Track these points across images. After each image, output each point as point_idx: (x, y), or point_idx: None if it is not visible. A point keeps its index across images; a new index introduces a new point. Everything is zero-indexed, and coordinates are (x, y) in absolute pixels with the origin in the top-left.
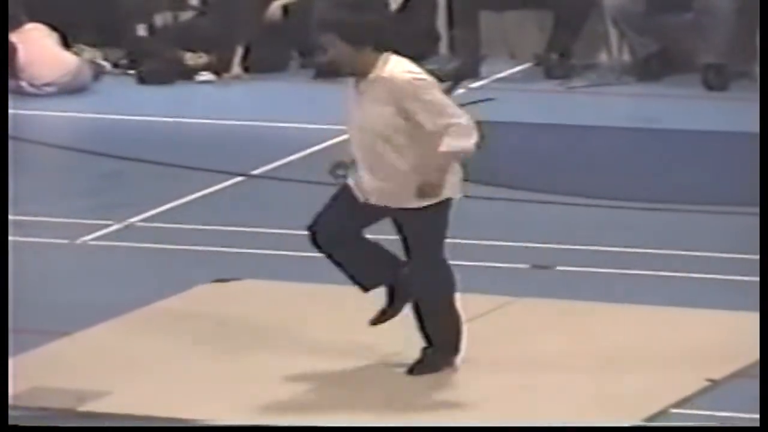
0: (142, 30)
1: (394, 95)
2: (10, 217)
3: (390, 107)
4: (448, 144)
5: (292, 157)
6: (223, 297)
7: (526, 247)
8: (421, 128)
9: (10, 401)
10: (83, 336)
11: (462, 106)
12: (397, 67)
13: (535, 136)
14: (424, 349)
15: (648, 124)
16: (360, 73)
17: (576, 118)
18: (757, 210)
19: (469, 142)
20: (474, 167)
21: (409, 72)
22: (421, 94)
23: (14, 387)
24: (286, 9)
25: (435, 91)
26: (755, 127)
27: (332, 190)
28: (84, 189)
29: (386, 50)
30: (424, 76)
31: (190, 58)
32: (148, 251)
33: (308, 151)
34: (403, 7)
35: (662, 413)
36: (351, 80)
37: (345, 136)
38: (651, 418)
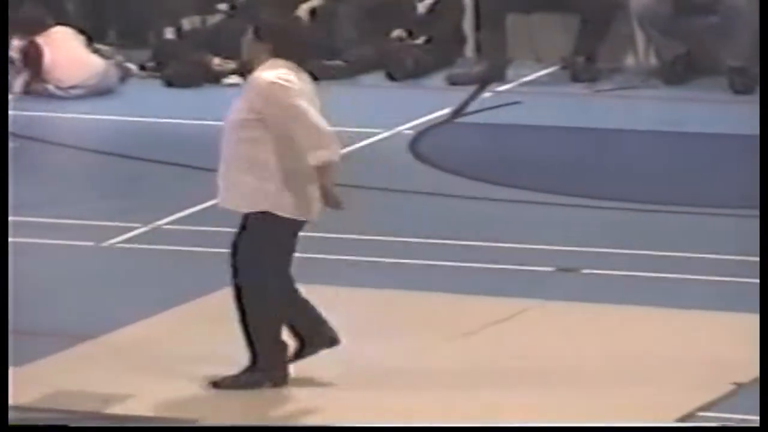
0: (169, 33)
1: (254, 100)
2: (37, 219)
3: (246, 110)
4: (315, 156)
5: None
6: None
7: (552, 250)
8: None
9: (36, 404)
10: (109, 339)
11: (487, 109)
12: (269, 70)
13: (561, 139)
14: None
15: (674, 128)
16: (249, 69)
17: (602, 122)
18: None
19: (329, 152)
20: (498, 170)
21: (277, 76)
22: (281, 98)
23: (40, 389)
24: (313, 12)
25: (298, 99)
26: None
27: (359, 193)
28: (110, 191)
29: (290, 59)
30: (291, 84)
31: (218, 64)
32: (174, 254)
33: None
34: (430, 10)
35: (690, 416)
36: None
37: (368, 141)
38: (680, 420)
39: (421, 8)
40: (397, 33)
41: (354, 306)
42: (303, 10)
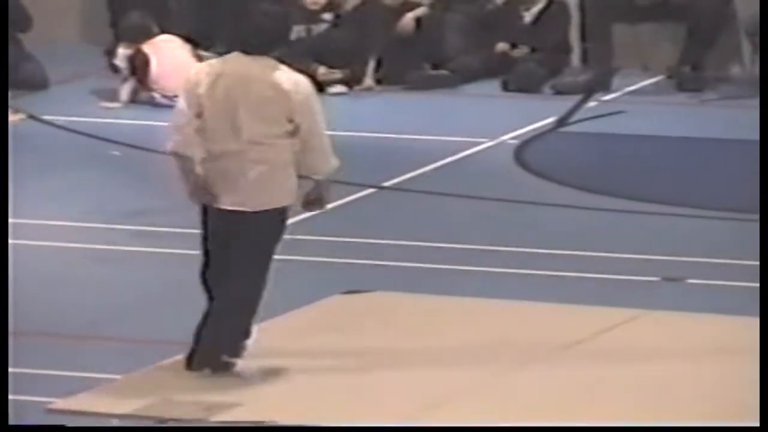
0: None
1: None
2: (140, 228)
3: None
4: None
5: (423, 169)
6: (353, 309)
7: (657, 259)
8: None
9: (141, 412)
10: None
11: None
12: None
13: (666, 149)
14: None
15: None
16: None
17: (707, 131)
18: None
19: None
20: (603, 180)
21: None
22: None
23: (145, 397)
24: (418, 21)
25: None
26: None
27: (465, 202)
28: None
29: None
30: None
31: (323, 74)
32: (280, 263)
33: (440, 163)
34: (537, 20)
35: None
36: None
37: (474, 149)
38: None
39: (528, 18)
40: (500, 46)
41: (467, 317)
42: (409, 19)
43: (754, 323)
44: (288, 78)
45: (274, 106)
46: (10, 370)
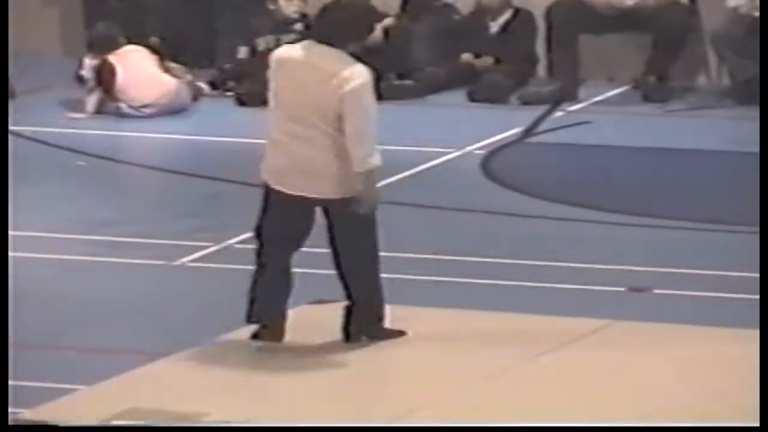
0: (243, 53)
1: None
2: (107, 238)
3: None
4: None
5: (389, 180)
6: (321, 318)
7: (623, 270)
8: None
9: (112, 421)
10: (182, 357)
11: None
12: None
13: (632, 159)
14: None
15: (746, 148)
16: None
17: (673, 142)
18: None
19: None
20: (569, 191)
21: None
22: None
23: (112, 407)
24: (385, 31)
25: None
26: None
27: (431, 213)
28: (182, 211)
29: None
30: None
31: None
32: (246, 273)
33: (406, 173)
34: (503, 30)
35: None
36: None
37: (440, 160)
38: None
39: (494, 28)
40: (466, 57)
41: (429, 325)
42: (378, 29)
43: (721, 333)
44: (346, 67)
45: (328, 94)
46: None
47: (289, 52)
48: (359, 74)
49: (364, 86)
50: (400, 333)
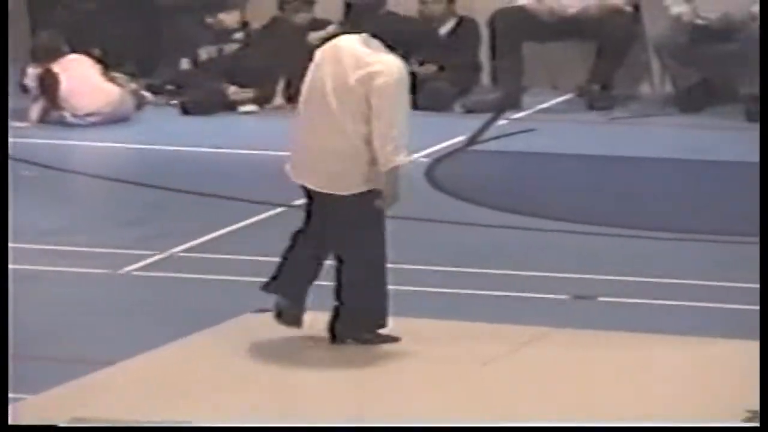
0: (185, 63)
1: None
2: (54, 247)
3: None
4: None
5: None
6: (264, 327)
7: (567, 277)
8: None
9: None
10: (124, 366)
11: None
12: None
13: (576, 167)
14: None
15: (689, 155)
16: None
17: (617, 149)
18: None
19: None
20: (513, 198)
21: None
22: None
23: (57, 416)
24: (325, 40)
25: None
26: None
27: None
28: (127, 219)
29: None
30: None
31: (234, 93)
32: (190, 281)
33: None
34: (452, 33)
35: None
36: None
37: None
38: None
39: (443, 30)
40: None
41: None
42: (314, 38)
43: (664, 340)
44: (381, 60)
45: (356, 87)
46: None
47: (338, 39)
48: (392, 70)
49: (396, 83)
50: (394, 339)
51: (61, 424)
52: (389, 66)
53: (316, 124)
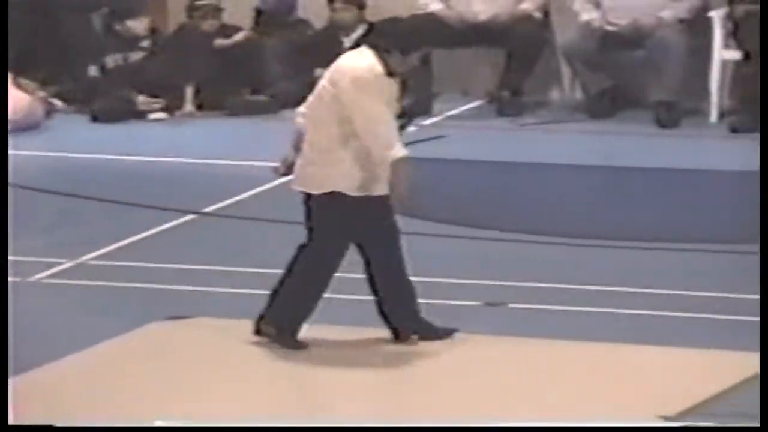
0: (93, 71)
1: None
2: None
3: None
4: None
5: (244, 195)
6: (175, 335)
7: (478, 284)
8: None
9: None
10: (32, 375)
11: (413, 143)
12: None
13: (486, 173)
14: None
15: (600, 161)
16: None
17: (528, 156)
18: (708, 246)
19: None
20: (423, 205)
21: None
22: None
23: None
24: (234, 47)
25: None
26: (706, 163)
27: (286, 228)
28: (36, 227)
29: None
30: None
31: (143, 102)
32: (100, 289)
33: (260, 188)
34: (356, 45)
35: None
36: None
37: (292, 176)
38: None
39: (347, 43)
40: (320, 72)
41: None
42: (221, 45)
43: (573, 346)
44: (352, 63)
45: (328, 87)
46: None
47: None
48: (358, 71)
49: (362, 79)
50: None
51: (59, 424)
52: (357, 67)
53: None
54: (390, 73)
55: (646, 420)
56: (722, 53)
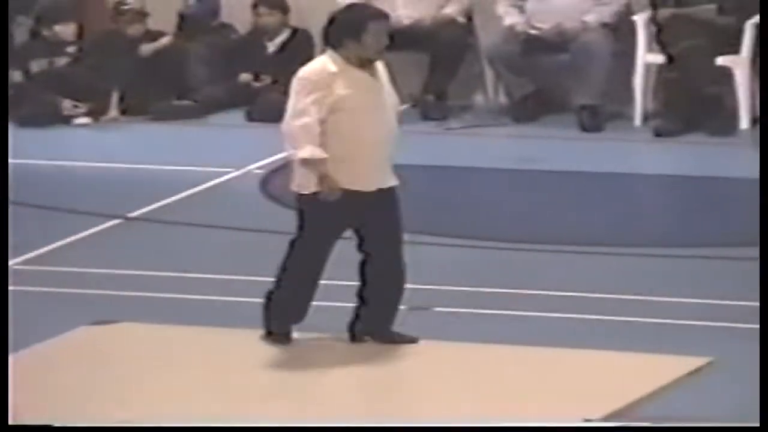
0: (17, 76)
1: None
2: None
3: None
4: None
5: (169, 200)
6: (101, 339)
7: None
8: None
9: None
10: None
11: None
12: None
13: (411, 177)
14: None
15: (524, 165)
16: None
17: (452, 160)
18: (625, 250)
19: None
20: None
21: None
22: None
23: None
24: (158, 53)
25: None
26: (629, 167)
27: (211, 232)
28: None
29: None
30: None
31: (68, 109)
32: (27, 294)
33: (186, 193)
34: (280, 50)
35: None
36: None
37: (219, 180)
38: None
39: (272, 48)
40: (244, 77)
41: (213, 346)
42: (146, 49)
43: (497, 350)
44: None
45: None
46: None
47: None
48: (301, 71)
49: (295, 81)
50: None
51: (58, 425)
52: (301, 70)
53: None
54: (362, 64)
55: (572, 422)
56: (646, 57)
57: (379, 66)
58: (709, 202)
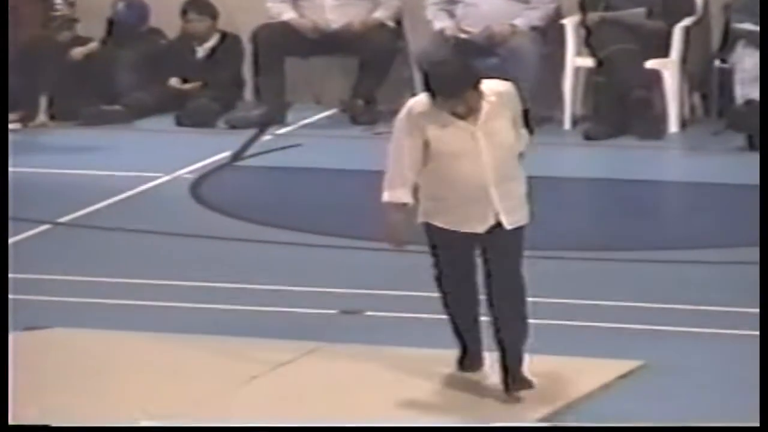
0: None
1: (508, 106)
2: None
3: (507, 119)
4: None
5: (98, 205)
6: (31, 346)
7: (334, 292)
8: None
9: None
10: None
11: (268, 152)
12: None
13: (341, 181)
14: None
15: None
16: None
17: (382, 164)
18: (553, 253)
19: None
20: (279, 214)
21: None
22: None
23: None
24: (88, 57)
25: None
26: (559, 171)
27: (141, 237)
28: None
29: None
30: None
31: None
32: None
33: (115, 198)
34: (209, 55)
35: None
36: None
37: (148, 185)
38: None
39: (201, 53)
40: (173, 81)
41: (145, 352)
42: (77, 53)
43: (428, 355)
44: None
45: None
46: None
47: None
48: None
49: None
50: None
51: (56, 425)
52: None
53: None
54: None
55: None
56: (575, 61)
57: (486, 105)
58: (639, 206)
